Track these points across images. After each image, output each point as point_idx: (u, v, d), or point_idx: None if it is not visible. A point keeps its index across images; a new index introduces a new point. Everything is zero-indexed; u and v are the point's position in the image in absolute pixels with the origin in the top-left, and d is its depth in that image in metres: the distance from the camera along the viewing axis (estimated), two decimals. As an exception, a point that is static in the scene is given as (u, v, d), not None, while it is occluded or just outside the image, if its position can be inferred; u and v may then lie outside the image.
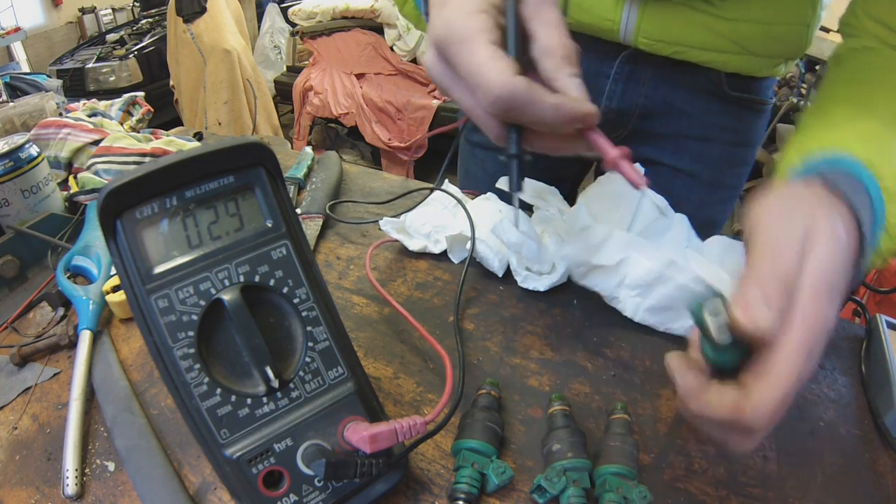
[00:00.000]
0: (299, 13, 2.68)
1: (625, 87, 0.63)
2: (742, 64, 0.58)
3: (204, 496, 0.37)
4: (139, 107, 0.90)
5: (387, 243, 0.59)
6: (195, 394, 0.30)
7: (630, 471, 0.35)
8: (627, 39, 0.58)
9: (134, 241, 0.30)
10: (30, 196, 0.61)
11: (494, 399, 0.41)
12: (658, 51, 0.57)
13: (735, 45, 0.56)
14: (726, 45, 0.56)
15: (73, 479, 0.37)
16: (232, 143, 0.31)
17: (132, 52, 3.08)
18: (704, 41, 0.56)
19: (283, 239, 0.33)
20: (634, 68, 0.62)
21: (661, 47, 0.57)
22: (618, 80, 0.63)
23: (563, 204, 0.60)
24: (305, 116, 2.81)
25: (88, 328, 0.48)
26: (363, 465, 0.32)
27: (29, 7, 3.28)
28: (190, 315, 0.30)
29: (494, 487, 0.36)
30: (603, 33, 0.58)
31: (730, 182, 0.70)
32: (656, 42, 0.57)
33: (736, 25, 0.54)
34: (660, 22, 0.55)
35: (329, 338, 0.34)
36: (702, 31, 0.55)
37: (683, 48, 0.56)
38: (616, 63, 0.62)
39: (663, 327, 0.49)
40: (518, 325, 0.50)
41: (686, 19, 0.54)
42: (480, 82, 0.31)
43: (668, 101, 0.63)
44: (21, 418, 0.43)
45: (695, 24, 0.55)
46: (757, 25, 0.54)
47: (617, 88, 0.63)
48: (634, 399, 0.44)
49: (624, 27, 0.57)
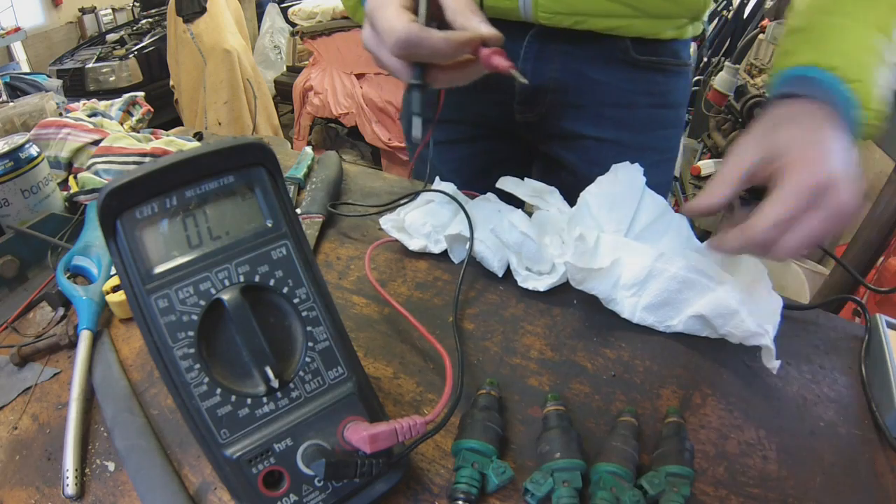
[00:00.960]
0: (299, 13, 2.67)
1: (535, 65, 0.65)
2: (644, 27, 0.60)
3: (204, 496, 0.37)
4: (139, 107, 0.90)
5: (387, 243, 0.59)
6: (195, 394, 0.30)
7: (627, 472, 0.35)
8: (528, 16, 0.60)
9: (134, 241, 0.30)
10: (30, 196, 0.61)
11: (494, 399, 0.41)
12: (559, 23, 0.59)
13: (631, 10, 0.58)
14: (623, 9, 0.58)
15: (73, 479, 0.37)
16: (232, 143, 0.31)
17: (132, 52, 3.07)
18: (601, 7, 0.58)
19: (284, 239, 0.33)
20: (542, 45, 0.64)
21: (560, 19, 0.59)
22: (527, 58, 0.65)
23: (563, 204, 0.60)
24: (305, 116, 2.80)
25: (88, 328, 0.48)
26: (363, 465, 0.32)
27: (29, 7, 3.27)
28: (190, 315, 0.30)
29: (494, 487, 0.36)
30: (505, 14, 0.61)
31: (659, 145, 0.71)
32: (555, 15, 0.59)
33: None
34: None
35: (329, 338, 0.34)
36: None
37: (583, 17, 0.58)
38: (524, 42, 0.64)
39: (662, 326, 0.49)
40: (518, 325, 0.50)
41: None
42: (386, 29, 0.41)
43: (580, 72, 0.65)
44: (21, 418, 0.43)
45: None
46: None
47: (527, 67, 0.65)
48: (634, 399, 0.44)
49: (522, 4, 0.59)
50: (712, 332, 0.47)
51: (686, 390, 0.45)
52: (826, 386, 0.45)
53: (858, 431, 0.42)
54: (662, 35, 0.62)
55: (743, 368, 0.46)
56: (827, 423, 0.42)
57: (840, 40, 0.43)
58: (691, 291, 0.47)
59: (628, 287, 0.49)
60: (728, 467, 0.39)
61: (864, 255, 1.20)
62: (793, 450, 0.40)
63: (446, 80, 0.46)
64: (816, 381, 0.46)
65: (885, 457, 0.40)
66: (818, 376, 0.46)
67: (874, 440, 0.41)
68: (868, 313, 0.50)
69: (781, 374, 0.46)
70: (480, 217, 0.56)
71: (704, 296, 0.46)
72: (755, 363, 0.47)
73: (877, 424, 0.42)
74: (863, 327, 0.51)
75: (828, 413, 0.43)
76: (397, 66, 0.44)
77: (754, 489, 0.38)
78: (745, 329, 0.43)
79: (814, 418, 0.43)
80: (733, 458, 0.39)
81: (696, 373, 0.46)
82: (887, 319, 0.49)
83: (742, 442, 0.41)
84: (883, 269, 1.25)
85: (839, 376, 0.46)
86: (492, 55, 0.43)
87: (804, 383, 0.45)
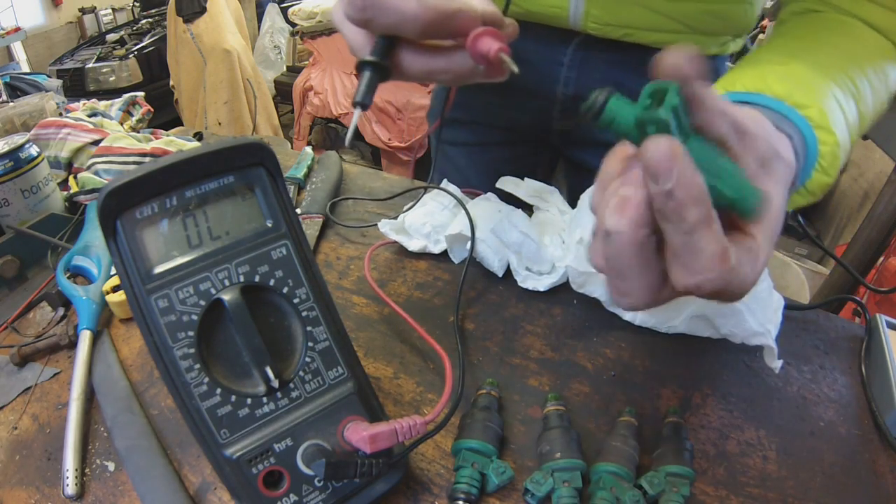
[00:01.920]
0: (299, 13, 2.67)
1: (579, 73, 0.64)
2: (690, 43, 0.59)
3: (204, 496, 0.37)
4: (139, 107, 0.90)
5: (387, 243, 0.59)
6: (195, 394, 0.30)
7: (627, 472, 0.35)
8: (577, 25, 0.59)
9: (134, 241, 0.30)
10: (30, 196, 0.61)
11: (494, 399, 0.41)
12: (608, 34, 0.59)
13: (681, 25, 0.57)
14: (672, 24, 0.57)
15: (73, 479, 0.37)
16: (232, 143, 0.31)
17: (132, 52, 3.07)
18: (651, 22, 0.57)
19: (283, 239, 0.33)
20: (586, 53, 0.63)
21: (610, 31, 0.58)
22: (572, 66, 0.64)
23: (564, 204, 0.60)
24: (305, 116, 2.80)
25: (88, 328, 0.48)
26: (363, 465, 0.32)
27: (29, 7, 3.27)
28: (190, 315, 0.30)
29: (494, 487, 0.36)
30: (552, 20, 0.60)
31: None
32: (605, 26, 0.58)
33: (679, 6, 0.56)
34: (606, 6, 0.57)
35: (329, 338, 0.34)
36: (647, 12, 0.56)
37: (632, 30, 0.58)
38: (569, 50, 0.63)
39: (664, 327, 0.49)
40: (518, 325, 0.50)
41: (632, 1, 0.56)
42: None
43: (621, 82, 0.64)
44: (21, 418, 0.43)
45: (640, 6, 0.56)
46: (700, 4, 0.56)
47: (572, 75, 0.65)
48: (634, 399, 0.44)
49: (573, 13, 0.58)
50: (714, 333, 0.47)
51: (686, 390, 0.45)
52: (826, 386, 0.45)
53: (858, 431, 0.42)
54: (707, 51, 0.61)
55: (743, 368, 0.46)
56: (827, 423, 0.42)
57: (783, 73, 0.37)
58: (692, 292, 0.47)
59: (629, 289, 0.49)
60: (728, 467, 0.39)
61: (864, 255, 1.21)
62: (793, 450, 0.40)
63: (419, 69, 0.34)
64: (816, 381, 0.46)
65: (886, 457, 0.40)
66: (818, 376, 0.46)
67: (874, 440, 0.41)
68: (868, 313, 0.50)
69: (781, 374, 0.46)
70: (481, 217, 0.56)
71: (705, 296, 0.46)
72: (755, 363, 0.47)
73: (877, 424, 0.42)
74: (863, 327, 0.51)
75: (828, 413, 0.43)
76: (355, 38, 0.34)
77: (754, 489, 0.38)
78: (746, 329, 0.43)
79: (814, 418, 0.43)
80: (733, 458, 0.39)
81: (696, 373, 0.46)
82: (887, 319, 0.49)
83: (742, 442, 0.41)
84: (883, 269, 1.25)
85: (839, 376, 0.46)
86: (479, 37, 0.32)
87: (804, 383, 0.45)
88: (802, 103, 0.34)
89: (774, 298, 0.46)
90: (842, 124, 0.35)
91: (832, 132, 0.34)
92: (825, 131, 0.34)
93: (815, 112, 0.34)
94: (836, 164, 0.35)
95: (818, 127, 0.34)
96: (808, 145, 0.34)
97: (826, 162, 0.34)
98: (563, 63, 0.64)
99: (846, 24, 0.43)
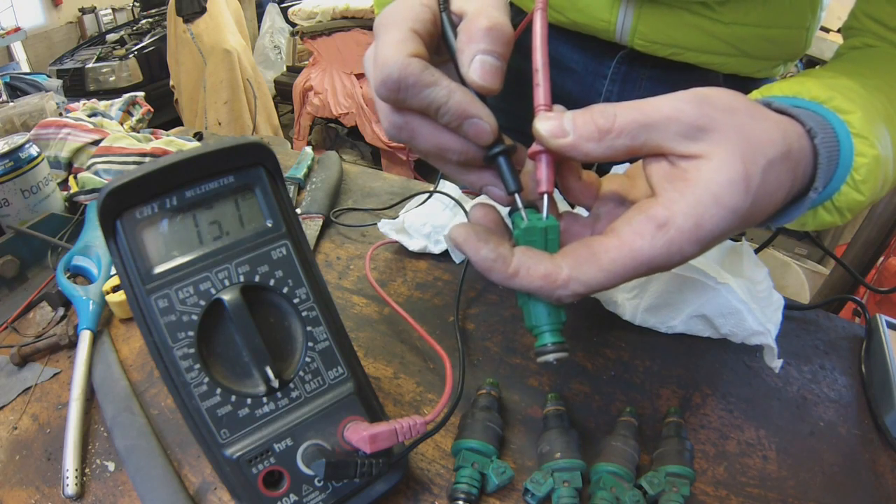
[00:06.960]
0: (299, 13, 2.68)
1: (622, 88, 0.63)
2: (740, 66, 0.58)
3: (204, 496, 0.37)
4: (139, 107, 0.90)
5: (387, 243, 0.59)
6: (195, 394, 0.30)
7: (627, 473, 0.35)
8: (623, 40, 0.58)
9: (134, 241, 0.30)
10: (30, 196, 0.61)
11: (494, 399, 0.41)
12: (655, 52, 0.57)
13: (732, 48, 0.56)
14: (724, 47, 0.56)
15: (73, 479, 0.37)
16: (232, 143, 0.31)
17: (132, 52, 3.07)
18: (701, 43, 0.56)
19: (283, 239, 0.33)
20: (631, 69, 0.62)
21: (657, 48, 0.57)
22: (615, 80, 0.63)
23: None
24: (305, 116, 2.81)
25: (88, 328, 0.48)
26: (363, 465, 0.32)
27: (29, 7, 3.28)
28: (190, 315, 0.30)
29: (494, 487, 0.36)
30: (599, 33, 0.59)
31: None
32: (652, 44, 0.57)
33: (734, 29, 0.54)
34: (656, 24, 0.55)
35: (329, 338, 0.34)
36: (698, 33, 0.55)
37: (680, 50, 0.56)
38: (613, 63, 0.62)
39: (664, 327, 0.49)
40: (518, 325, 0.50)
41: (682, 22, 0.54)
42: (379, 62, 0.28)
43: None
44: (21, 418, 0.43)
45: (691, 26, 0.54)
46: (755, 29, 0.54)
47: (614, 89, 0.64)
48: (634, 399, 0.44)
49: (620, 28, 0.57)
50: (714, 333, 0.47)
51: (686, 390, 0.45)
52: (826, 386, 0.45)
53: (858, 431, 0.42)
54: (756, 74, 0.60)
55: (743, 368, 0.46)
56: (827, 423, 0.42)
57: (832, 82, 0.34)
58: (692, 292, 0.47)
59: (629, 290, 0.49)
60: (728, 467, 0.39)
61: (864, 255, 1.21)
62: (793, 450, 0.40)
63: (427, 144, 0.31)
64: (816, 381, 0.46)
65: (886, 457, 0.40)
66: (818, 376, 0.46)
67: (874, 440, 0.41)
68: (868, 313, 0.50)
69: (781, 374, 0.46)
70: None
71: (706, 296, 0.46)
72: (755, 363, 0.47)
73: (877, 424, 0.42)
74: (863, 327, 0.51)
75: (828, 413, 0.43)
76: (381, 109, 0.31)
77: (754, 489, 0.38)
78: (747, 328, 0.43)
79: (814, 418, 0.43)
80: (733, 458, 0.39)
81: (696, 373, 0.46)
82: (887, 319, 0.49)
83: (742, 442, 0.41)
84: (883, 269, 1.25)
85: (839, 376, 0.46)
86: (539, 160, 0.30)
87: (804, 383, 0.45)
88: (843, 108, 0.31)
89: (774, 298, 0.46)
90: (887, 141, 0.32)
91: (873, 145, 0.31)
92: (865, 142, 0.31)
93: (856, 119, 0.31)
94: (871, 183, 0.31)
95: (857, 135, 0.31)
96: (843, 152, 0.30)
97: (860, 176, 0.31)
98: (607, 76, 0.63)
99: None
